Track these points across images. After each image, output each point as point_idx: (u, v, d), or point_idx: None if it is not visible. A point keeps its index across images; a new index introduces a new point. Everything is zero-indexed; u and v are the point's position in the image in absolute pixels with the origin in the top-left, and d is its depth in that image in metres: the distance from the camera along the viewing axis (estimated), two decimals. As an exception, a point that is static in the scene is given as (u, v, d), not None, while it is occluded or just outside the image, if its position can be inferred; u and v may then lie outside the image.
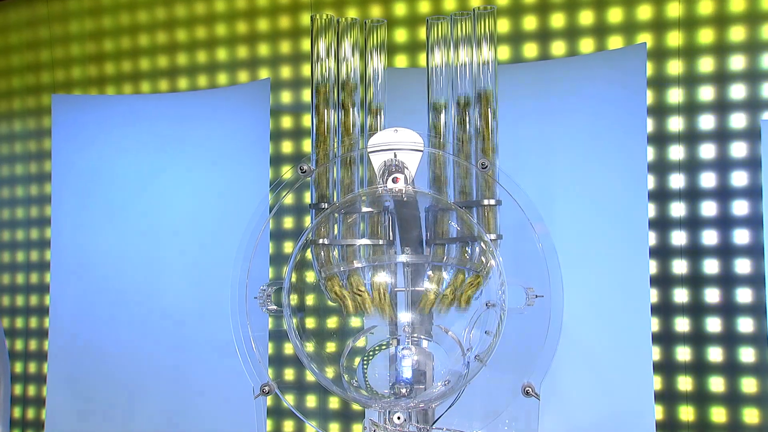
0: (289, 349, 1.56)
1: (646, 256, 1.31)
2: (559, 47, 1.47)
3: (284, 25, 1.65)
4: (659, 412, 1.38)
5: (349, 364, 0.94)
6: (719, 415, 1.36)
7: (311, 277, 0.99)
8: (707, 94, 1.39)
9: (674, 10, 1.40)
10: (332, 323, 0.99)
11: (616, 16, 1.44)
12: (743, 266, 1.35)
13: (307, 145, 1.61)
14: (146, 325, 1.59)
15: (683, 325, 1.38)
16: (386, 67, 1.07)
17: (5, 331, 1.81)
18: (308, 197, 1.04)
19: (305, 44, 1.63)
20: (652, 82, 1.39)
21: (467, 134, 1.01)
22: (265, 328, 1.05)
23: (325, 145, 1.03)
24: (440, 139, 1.02)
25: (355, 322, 0.99)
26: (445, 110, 1.03)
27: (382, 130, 1.03)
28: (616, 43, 1.43)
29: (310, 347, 0.95)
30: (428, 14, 1.53)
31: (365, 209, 1.01)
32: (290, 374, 1.57)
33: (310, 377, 1.49)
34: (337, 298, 0.97)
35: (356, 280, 0.97)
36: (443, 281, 0.96)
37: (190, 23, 1.71)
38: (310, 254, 0.99)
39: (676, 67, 1.40)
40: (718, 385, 1.37)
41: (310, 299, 0.98)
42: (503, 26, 1.49)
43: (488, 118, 1.00)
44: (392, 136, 0.96)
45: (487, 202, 0.98)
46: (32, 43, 1.83)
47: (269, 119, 1.55)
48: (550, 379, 0.96)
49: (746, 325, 1.35)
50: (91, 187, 1.66)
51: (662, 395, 1.38)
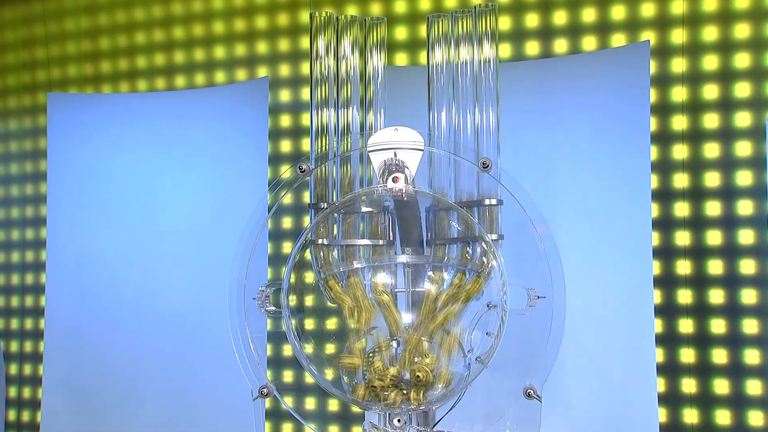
0: (287, 350, 1.56)
1: (649, 256, 1.32)
2: (561, 45, 1.47)
3: (283, 22, 1.65)
4: (663, 414, 1.38)
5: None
6: (724, 417, 1.37)
7: (310, 277, 0.99)
8: (711, 92, 1.39)
9: (678, 7, 1.40)
10: (332, 324, 0.99)
11: (619, 13, 1.44)
12: (748, 267, 1.36)
13: (306, 144, 1.62)
14: (143, 326, 1.59)
15: (687, 326, 1.39)
16: (386, 65, 1.08)
17: (0, 332, 1.81)
18: (307, 197, 1.05)
19: (304, 42, 1.63)
20: (655, 80, 1.40)
21: (468, 133, 1.01)
22: (263, 329, 1.05)
23: (324, 144, 1.04)
24: (441, 138, 1.02)
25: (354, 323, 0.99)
26: (446, 109, 1.03)
27: (382, 128, 1.03)
28: (619, 40, 1.44)
29: (309, 349, 0.95)
30: (429, 11, 1.53)
31: (365, 209, 1.01)
32: (289, 376, 1.57)
33: (309, 379, 1.48)
34: (336, 299, 0.97)
35: (356, 281, 0.97)
36: (444, 282, 0.97)
37: (187, 20, 1.71)
38: (309, 255, 0.99)
39: (680, 64, 1.40)
40: (722, 387, 1.37)
41: (309, 300, 0.99)
42: (505, 23, 1.49)
43: (489, 116, 1.00)
44: (392, 135, 0.96)
45: (488, 201, 0.98)
46: (28, 40, 1.84)
47: (268, 118, 1.55)
48: (552, 381, 0.96)
49: (751, 326, 1.35)
50: (87, 186, 1.66)
51: (666, 397, 1.39)
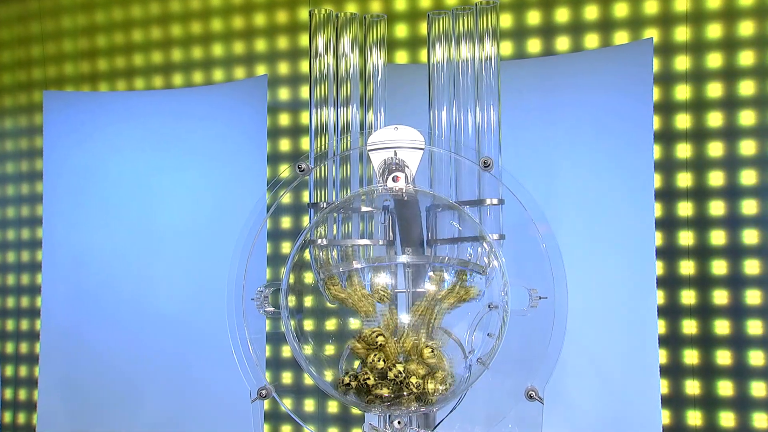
0: (286, 351, 1.56)
1: (652, 256, 1.32)
2: (563, 43, 1.47)
3: (282, 20, 1.65)
4: (666, 416, 1.38)
5: (348, 366, 0.94)
6: (728, 419, 1.37)
7: (310, 278, 0.99)
8: (715, 90, 1.39)
9: (682, 4, 1.41)
10: (331, 325, 0.99)
11: (622, 10, 1.44)
12: (752, 267, 1.36)
13: (305, 142, 1.62)
14: (141, 327, 1.59)
15: (691, 327, 1.39)
16: (386, 63, 1.08)
17: (-4, 333, 1.82)
18: (306, 196, 1.05)
19: (303, 40, 1.63)
20: (658, 78, 1.40)
21: (469, 132, 1.01)
22: (262, 330, 1.06)
23: (323, 143, 1.04)
24: (442, 136, 1.02)
25: (354, 324, 0.99)
26: (446, 107, 1.03)
27: (382, 127, 1.03)
28: (622, 38, 1.44)
29: (308, 350, 0.95)
30: (429, 9, 1.53)
31: (365, 209, 1.01)
32: (288, 377, 1.58)
33: (308, 380, 1.49)
34: (335, 298, 0.97)
35: (356, 281, 0.97)
36: (445, 282, 0.97)
37: (185, 18, 1.71)
38: (308, 255, 0.99)
39: (683, 62, 1.40)
40: (726, 388, 1.37)
41: (308, 301, 0.99)
42: (506, 21, 1.49)
43: (491, 115, 1.00)
44: (392, 133, 0.96)
45: (489, 201, 0.98)
46: (23, 38, 1.84)
47: (266, 116, 1.56)
48: (554, 382, 0.96)
49: (755, 327, 1.35)
50: (83, 185, 1.66)
51: (669, 399, 1.39)
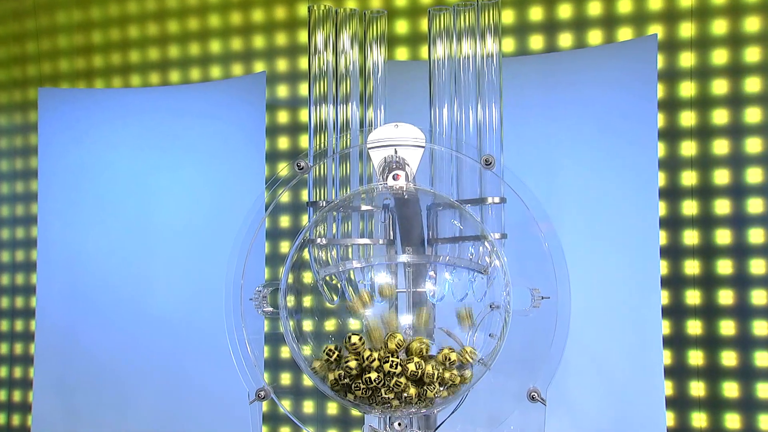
0: (285, 352, 1.56)
1: (656, 256, 1.32)
2: (566, 39, 1.47)
3: (280, 15, 1.65)
4: (671, 418, 1.38)
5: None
6: (733, 421, 1.37)
7: (309, 277, 0.99)
8: (721, 87, 1.39)
9: (686, -1, 1.41)
10: (330, 326, 1.00)
11: (625, 6, 1.44)
12: (758, 266, 1.36)
13: (304, 140, 1.62)
14: (137, 327, 1.59)
15: (695, 327, 1.39)
16: (386, 59, 1.08)
17: (-10, 334, 1.82)
18: (305, 195, 1.05)
19: (302, 36, 1.63)
20: (663, 74, 1.40)
21: (470, 129, 1.01)
22: (260, 330, 1.06)
23: (323, 141, 1.04)
24: (443, 134, 1.02)
25: (354, 324, 0.99)
26: (447, 105, 1.03)
27: (382, 125, 1.03)
28: (625, 34, 1.44)
29: (307, 350, 0.96)
30: (430, 5, 1.53)
31: (365, 207, 1.01)
32: (287, 379, 1.58)
33: (307, 382, 1.49)
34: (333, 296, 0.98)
35: (355, 281, 0.98)
36: (445, 282, 0.97)
37: (182, 14, 1.71)
38: (307, 254, 0.99)
39: (688, 59, 1.41)
40: (732, 390, 1.37)
41: (307, 301, 0.99)
42: (508, 17, 1.49)
43: (492, 112, 1.00)
44: (393, 131, 0.96)
45: (491, 199, 0.98)
46: (18, 34, 1.84)
47: (265, 114, 1.56)
48: (556, 383, 0.97)
49: (761, 327, 1.36)
50: (79, 183, 1.66)
51: (674, 401, 1.39)
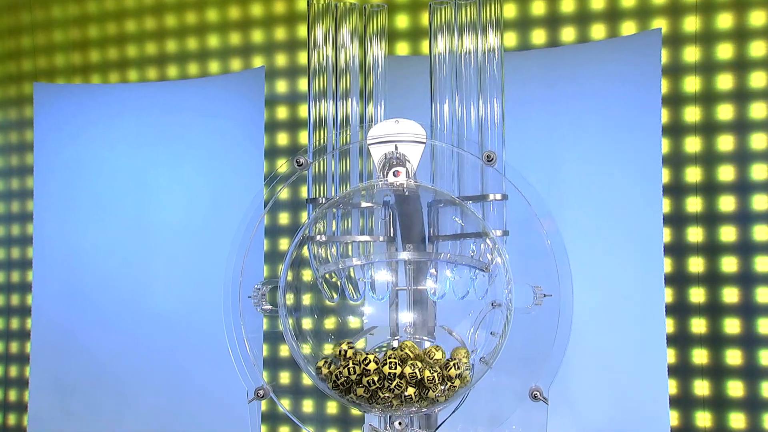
0: (284, 350, 1.57)
1: (660, 253, 1.32)
2: (569, 33, 1.48)
3: (279, 10, 1.65)
4: (674, 417, 1.39)
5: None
6: (738, 421, 1.37)
7: (308, 275, 0.99)
8: (726, 82, 1.39)
9: (691, -7, 1.41)
10: (330, 324, 1.00)
11: None
12: (763, 264, 1.36)
13: (303, 136, 1.62)
14: (135, 325, 1.60)
15: (700, 326, 1.39)
16: (387, 54, 1.08)
17: (-15, 332, 1.82)
18: (305, 192, 1.05)
19: (301, 30, 1.63)
20: (667, 69, 1.40)
21: (472, 125, 1.01)
22: (259, 328, 1.06)
23: (322, 136, 1.04)
24: (444, 130, 1.02)
25: (354, 322, 1.00)
26: (448, 100, 1.03)
27: (382, 120, 1.03)
28: (629, 28, 1.44)
29: (306, 349, 0.96)
30: (431, -2, 1.53)
31: (365, 204, 1.01)
32: (286, 377, 1.58)
33: (306, 380, 1.49)
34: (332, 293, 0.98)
35: (355, 278, 0.98)
36: (447, 280, 0.97)
37: (179, 8, 1.71)
38: (306, 251, 0.99)
39: (692, 53, 1.41)
40: (736, 389, 1.37)
41: (307, 299, 0.99)
42: (510, 11, 1.49)
43: (494, 108, 1.01)
44: (393, 127, 0.96)
45: (492, 196, 0.99)
46: (13, 28, 1.84)
47: (264, 109, 1.56)
48: (559, 382, 0.97)
49: (766, 326, 1.36)
50: (75, 180, 1.67)
51: (677, 400, 1.39)
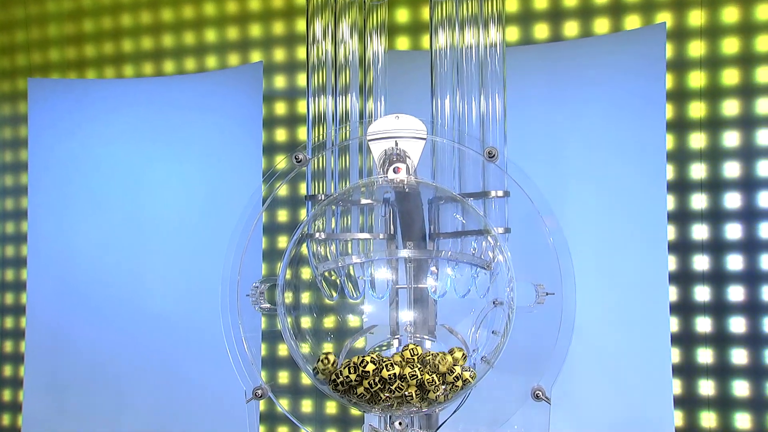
0: (283, 350, 1.57)
1: (664, 251, 1.32)
2: (572, 28, 1.47)
3: (278, 4, 1.65)
4: (679, 417, 1.39)
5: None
6: (743, 421, 1.37)
7: (307, 273, 0.99)
8: (731, 77, 1.39)
9: (696, -13, 1.41)
10: (329, 323, 1.00)
11: (633, -7, 1.44)
12: (769, 262, 1.36)
13: (302, 132, 1.62)
14: (131, 324, 1.60)
15: (705, 325, 1.39)
16: (387, 49, 1.08)
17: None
18: (304, 188, 1.05)
19: (300, 25, 1.63)
20: (672, 64, 1.40)
21: (473, 121, 1.01)
22: (257, 327, 1.06)
23: (321, 132, 1.04)
24: (445, 126, 1.02)
25: (353, 321, 1.00)
26: (449, 95, 1.03)
27: (382, 116, 1.03)
28: (633, 22, 1.44)
29: (305, 348, 0.96)
30: (432, -8, 1.53)
31: (364, 201, 1.01)
32: (284, 377, 1.58)
33: (305, 380, 1.50)
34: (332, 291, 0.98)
35: (355, 276, 0.98)
36: (447, 278, 0.97)
37: (176, 2, 1.71)
38: (305, 249, 1.00)
39: (698, 48, 1.41)
40: (742, 389, 1.38)
41: (305, 297, 0.99)
42: (512, 5, 1.49)
43: (496, 103, 1.01)
44: (393, 123, 0.96)
45: (494, 193, 0.99)
46: (6, 23, 1.84)
47: (262, 105, 1.56)
48: (561, 382, 0.97)
49: (772, 325, 1.36)
50: (70, 177, 1.67)
51: (682, 400, 1.39)
